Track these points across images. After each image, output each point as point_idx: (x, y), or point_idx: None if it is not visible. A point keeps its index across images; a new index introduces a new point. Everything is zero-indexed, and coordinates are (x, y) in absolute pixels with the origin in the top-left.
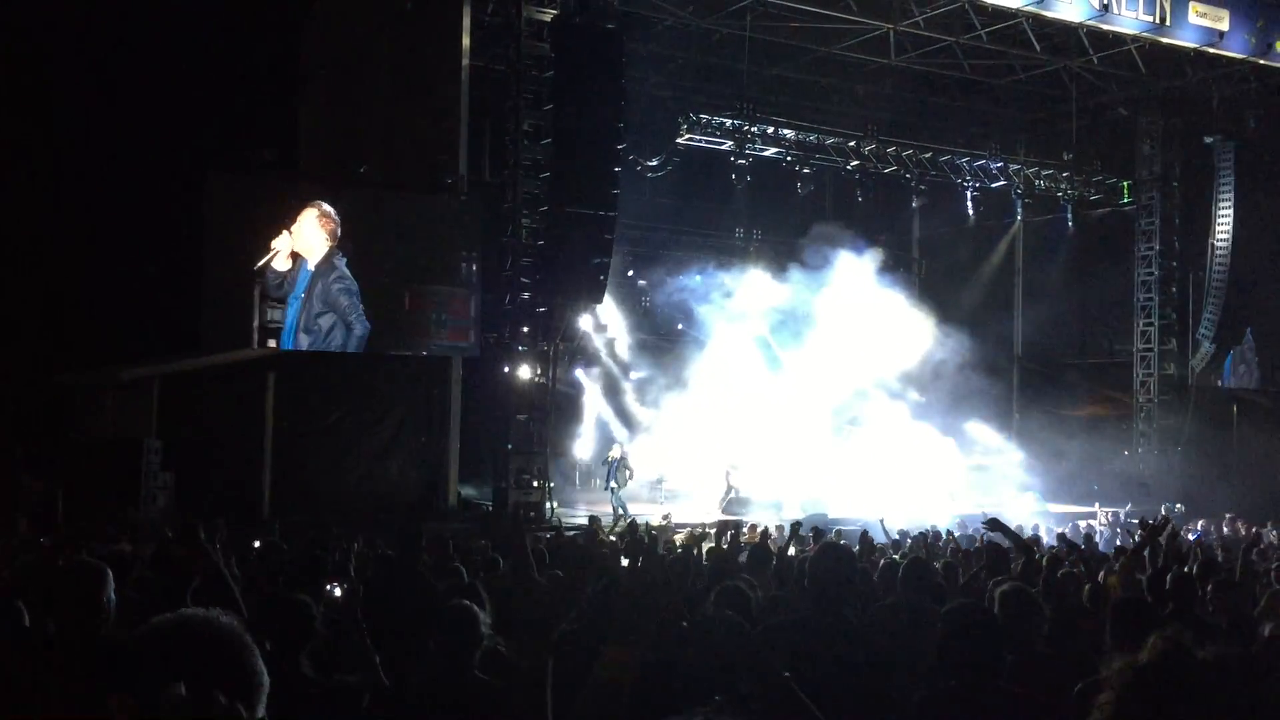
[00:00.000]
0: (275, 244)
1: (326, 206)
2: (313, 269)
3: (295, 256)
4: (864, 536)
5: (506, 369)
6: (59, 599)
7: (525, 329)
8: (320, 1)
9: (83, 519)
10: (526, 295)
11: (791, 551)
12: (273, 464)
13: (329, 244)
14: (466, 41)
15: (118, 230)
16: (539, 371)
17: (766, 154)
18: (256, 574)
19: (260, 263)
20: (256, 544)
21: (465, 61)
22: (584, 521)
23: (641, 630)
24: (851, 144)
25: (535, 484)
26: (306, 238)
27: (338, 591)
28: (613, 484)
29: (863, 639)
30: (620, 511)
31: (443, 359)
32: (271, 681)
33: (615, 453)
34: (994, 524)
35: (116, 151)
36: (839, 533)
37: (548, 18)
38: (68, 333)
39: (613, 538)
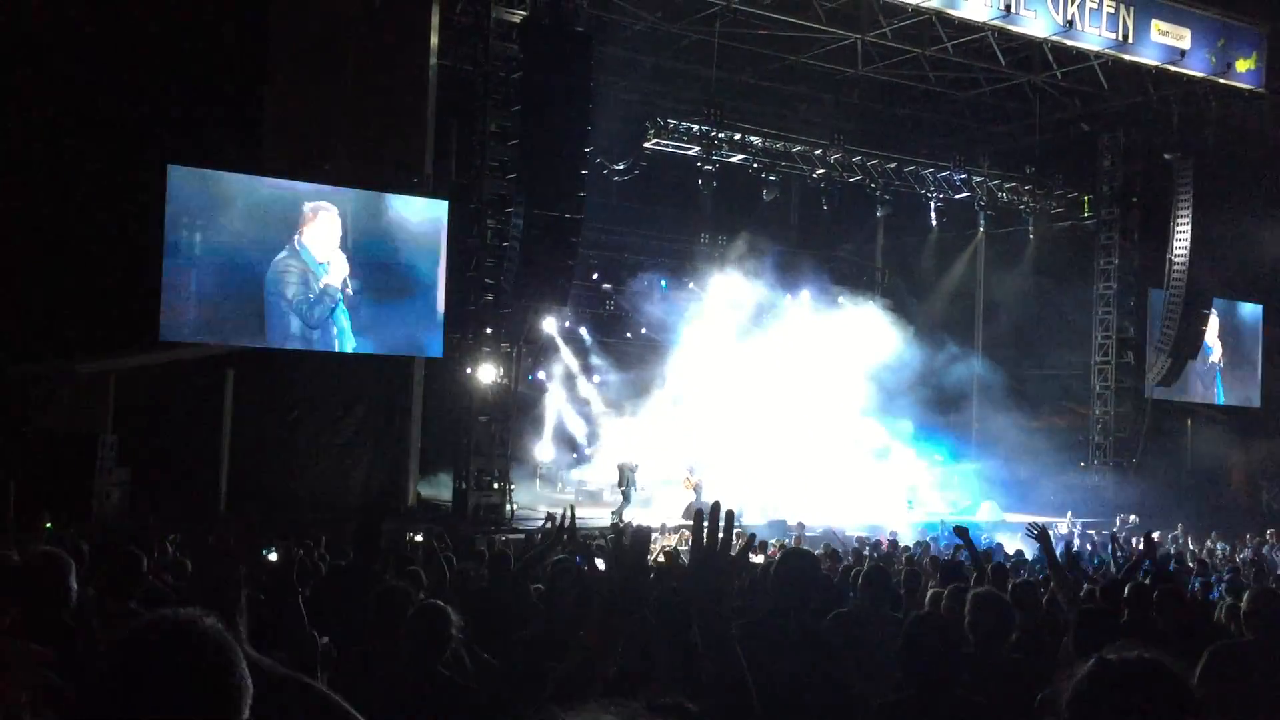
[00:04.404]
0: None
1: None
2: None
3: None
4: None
5: (469, 370)
6: (26, 585)
7: (489, 330)
8: None
9: (33, 514)
10: (491, 296)
11: (760, 559)
12: (230, 462)
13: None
14: (435, 41)
15: (76, 222)
16: (502, 373)
17: (733, 160)
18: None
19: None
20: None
21: (433, 61)
22: (543, 522)
23: (617, 627)
24: (817, 152)
25: (496, 485)
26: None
27: (273, 556)
28: (627, 489)
29: (823, 645)
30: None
31: (405, 359)
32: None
33: (629, 456)
34: (961, 532)
35: (76, 143)
36: (801, 538)
37: (517, 19)
38: (23, 325)
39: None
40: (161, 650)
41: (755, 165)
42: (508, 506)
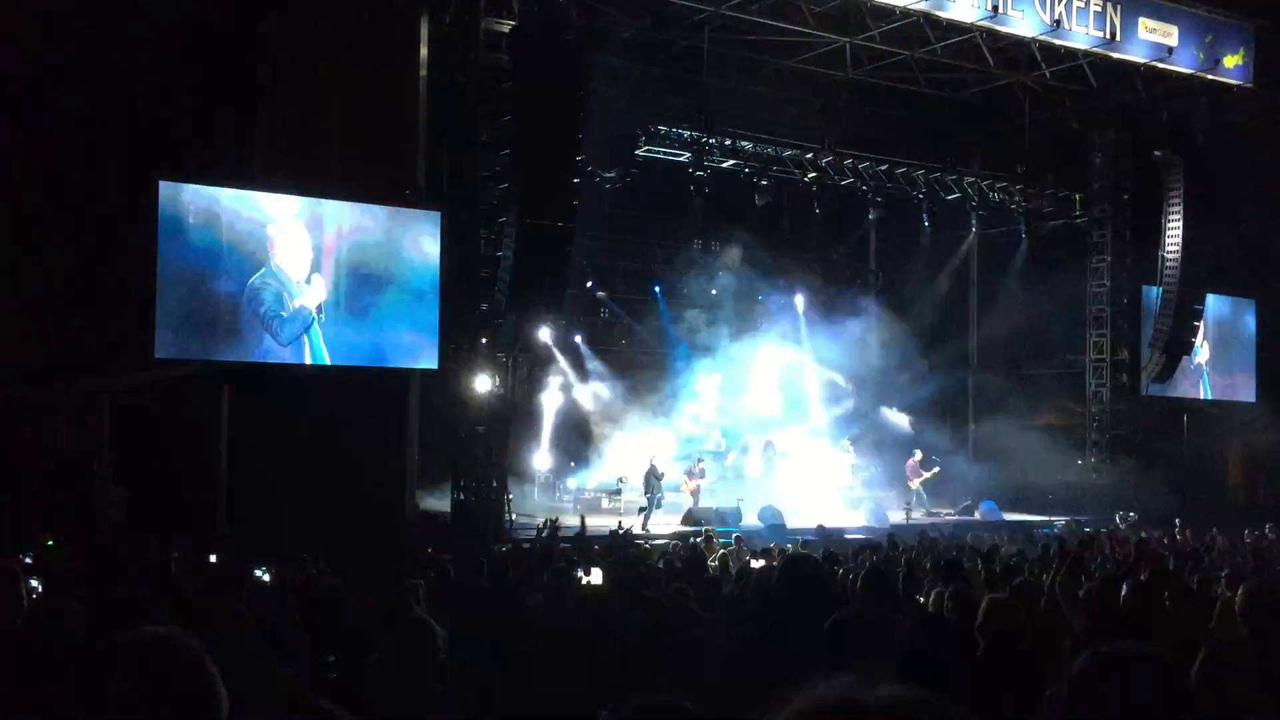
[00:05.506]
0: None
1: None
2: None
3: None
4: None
5: (465, 380)
6: None
7: (484, 340)
8: (278, 10)
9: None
10: (485, 306)
11: (760, 564)
12: (228, 478)
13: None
14: (425, 52)
15: (69, 241)
16: (498, 383)
17: (724, 166)
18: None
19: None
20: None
21: (423, 72)
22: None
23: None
24: (809, 156)
25: (494, 495)
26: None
27: (266, 576)
28: (652, 495)
29: (826, 646)
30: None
31: (402, 371)
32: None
33: (655, 462)
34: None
35: (68, 160)
36: (805, 543)
37: (506, 29)
38: (17, 345)
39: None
40: (137, 666)
41: (747, 170)
42: (507, 516)
